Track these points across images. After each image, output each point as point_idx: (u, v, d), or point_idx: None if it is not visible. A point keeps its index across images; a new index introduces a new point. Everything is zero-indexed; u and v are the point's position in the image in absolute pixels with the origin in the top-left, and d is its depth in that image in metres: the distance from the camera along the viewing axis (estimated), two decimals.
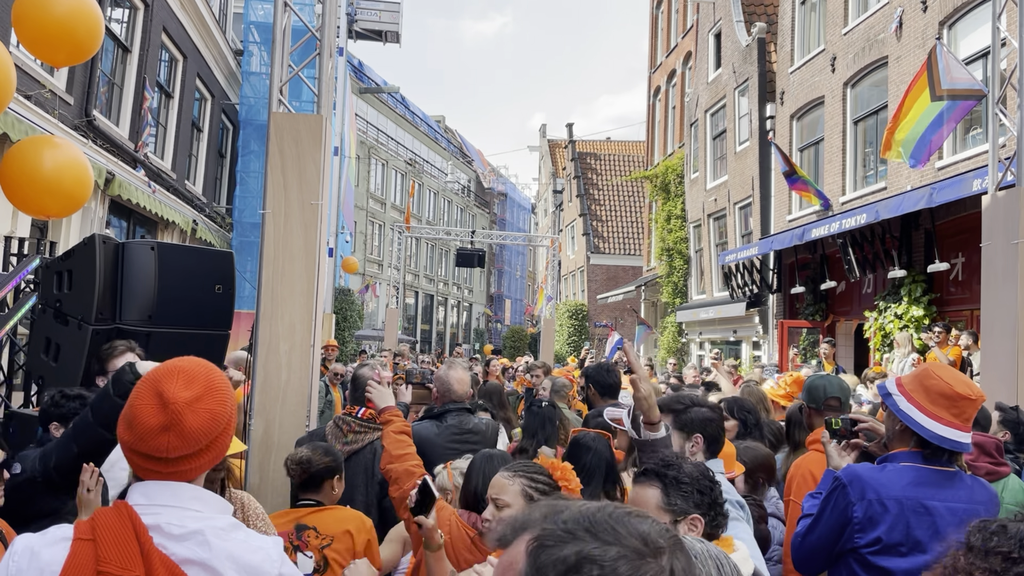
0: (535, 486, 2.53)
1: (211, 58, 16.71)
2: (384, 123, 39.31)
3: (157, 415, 1.62)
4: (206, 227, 15.75)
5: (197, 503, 1.68)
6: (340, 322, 21.53)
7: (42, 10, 4.63)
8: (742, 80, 19.13)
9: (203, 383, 1.69)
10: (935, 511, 2.65)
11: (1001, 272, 6.18)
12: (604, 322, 31.00)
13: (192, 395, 1.65)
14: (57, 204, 4.92)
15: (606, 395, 5.19)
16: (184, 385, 1.66)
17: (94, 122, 10.92)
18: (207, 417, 1.66)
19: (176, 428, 1.62)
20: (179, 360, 1.74)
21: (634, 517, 0.95)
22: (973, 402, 2.68)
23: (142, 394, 1.67)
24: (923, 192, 10.75)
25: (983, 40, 10.76)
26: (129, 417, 1.66)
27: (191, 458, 1.67)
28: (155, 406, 1.63)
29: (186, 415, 1.63)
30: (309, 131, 4.84)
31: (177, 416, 1.62)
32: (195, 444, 1.65)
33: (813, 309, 15.52)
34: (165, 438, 1.62)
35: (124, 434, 1.67)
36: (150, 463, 1.65)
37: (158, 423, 1.62)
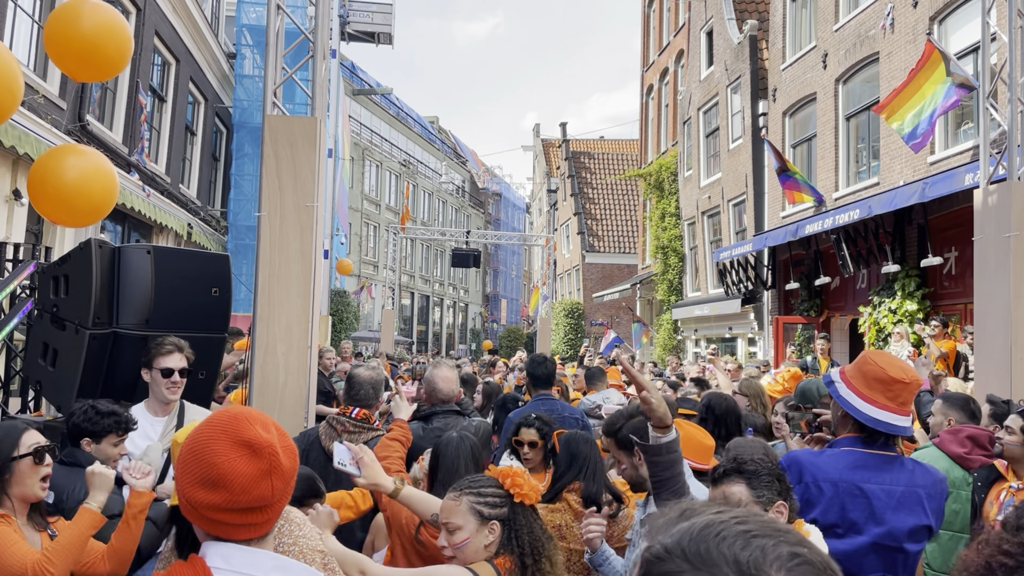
0: (484, 500, 2.46)
1: (204, 61, 16.70)
2: (378, 124, 39.30)
3: (254, 463, 1.52)
4: (201, 231, 15.74)
5: (278, 573, 1.57)
6: (336, 324, 21.53)
7: (71, 27, 4.67)
8: (734, 77, 19.18)
9: (273, 424, 1.62)
10: (871, 493, 2.70)
11: (993, 265, 6.21)
12: (600, 320, 31.04)
13: (275, 436, 1.58)
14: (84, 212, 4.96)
15: (539, 386, 5.37)
16: (263, 427, 1.58)
17: (87, 127, 10.92)
18: (292, 456, 1.60)
19: (277, 471, 1.54)
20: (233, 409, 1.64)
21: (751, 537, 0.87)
22: (907, 385, 2.75)
23: (225, 449, 1.54)
24: (915, 187, 10.80)
25: (973, 35, 10.82)
26: (215, 477, 1.52)
27: (282, 502, 1.60)
28: (247, 455, 1.53)
29: (281, 455, 1.56)
30: (303, 133, 4.85)
31: (275, 459, 1.54)
32: (291, 482, 1.60)
33: (808, 305, 15.56)
34: (268, 484, 1.53)
35: (212, 498, 1.52)
36: (249, 516, 1.54)
37: (258, 470, 1.52)
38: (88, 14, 4.70)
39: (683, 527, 0.90)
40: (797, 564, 0.84)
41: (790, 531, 0.89)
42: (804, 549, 0.86)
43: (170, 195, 14.55)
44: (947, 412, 4.06)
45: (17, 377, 6.22)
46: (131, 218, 12.74)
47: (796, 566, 0.84)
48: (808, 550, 0.86)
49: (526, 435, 3.94)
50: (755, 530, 0.87)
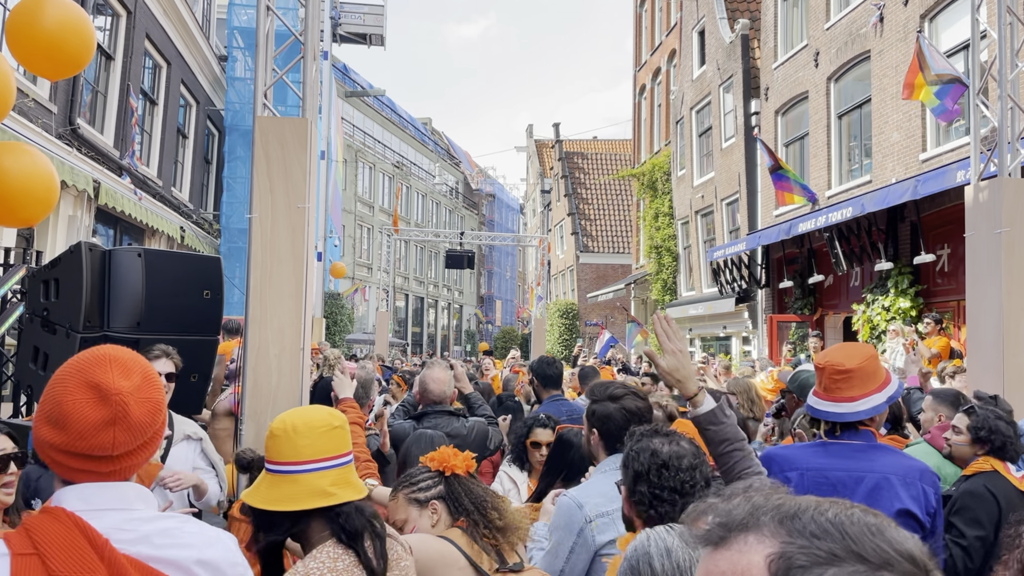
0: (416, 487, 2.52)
1: (195, 64, 16.66)
2: (370, 126, 39.26)
3: (98, 409, 1.45)
4: (193, 233, 15.70)
5: (141, 503, 1.52)
6: (331, 326, 21.50)
7: (32, 24, 4.61)
8: (726, 77, 19.21)
9: (139, 371, 1.54)
10: (837, 480, 2.78)
11: (985, 262, 6.23)
12: (595, 320, 31.05)
13: (133, 384, 1.50)
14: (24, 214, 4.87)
15: (548, 386, 5.34)
16: (122, 374, 1.50)
17: (78, 130, 10.88)
18: (151, 407, 1.52)
19: (123, 421, 1.47)
20: (105, 348, 1.57)
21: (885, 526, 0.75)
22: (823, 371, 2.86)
23: (72, 388, 1.47)
24: (907, 184, 10.83)
25: (963, 33, 10.85)
26: (58, 415, 1.46)
27: (134, 453, 1.51)
28: (94, 400, 1.46)
29: (132, 406, 1.48)
30: (295, 134, 4.84)
31: (123, 408, 1.47)
32: (141, 437, 1.51)
33: (802, 303, 15.60)
34: (110, 433, 1.46)
35: (52, 436, 1.46)
36: (89, 463, 1.47)
37: (101, 417, 1.45)
38: (50, 10, 4.65)
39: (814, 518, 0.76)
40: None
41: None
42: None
43: (162, 198, 14.51)
44: (937, 408, 4.07)
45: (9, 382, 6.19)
46: (123, 222, 12.71)
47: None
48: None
49: (542, 436, 3.87)
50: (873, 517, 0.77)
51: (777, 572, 0.73)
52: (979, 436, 3.43)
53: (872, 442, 2.87)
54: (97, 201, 10.95)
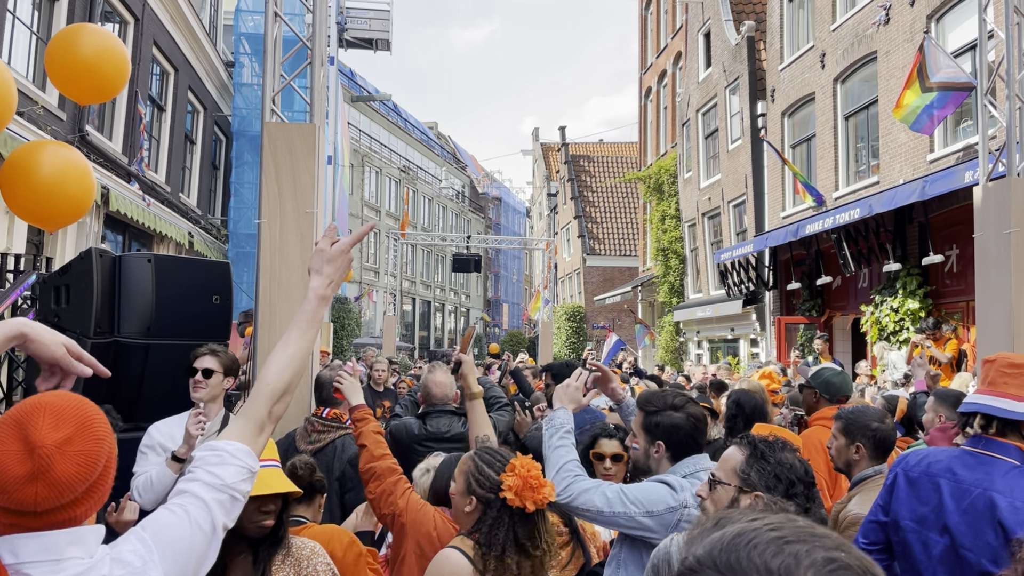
0: (476, 475, 2.50)
1: (202, 70, 16.74)
2: (377, 131, 39.35)
3: (22, 463, 1.38)
4: (202, 239, 15.76)
5: (75, 548, 1.43)
6: (338, 330, 21.53)
7: (71, 51, 4.74)
8: (733, 79, 19.19)
9: (75, 422, 1.45)
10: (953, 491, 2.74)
11: (994, 262, 6.21)
12: (602, 323, 31.02)
13: (62, 436, 1.41)
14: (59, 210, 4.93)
15: None
16: (52, 426, 1.42)
17: (87, 137, 10.94)
18: (80, 460, 1.42)
19: (45, 477, 1.38)
20: (46, 396, 1.49)
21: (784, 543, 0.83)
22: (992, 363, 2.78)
23: (3, 437, 1.41)
24: (915, 185, 10.80)
25: (971, 33, 10.82)
26: None
27: (63, 509, 1.43)
28: (19, 452, 1.39)
29: (57, 461, 1.39)
30: (302, 140, 4.86)
31: (46, 462, 1.38)
32: (69, 494, 1.41)
33: (810, 305, 15.55)
34: (32, 489, 1.38)
35: None
36: (15, 518, 1.40)
37: (24, 472, 1.38)
38: (87, 39, 4.78)
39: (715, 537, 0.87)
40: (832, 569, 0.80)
41: (828, 535, 0.85)
42: (841, 553, 0.82)
43: (170, 204, 14.57)
44: (938, 409, 4.05)
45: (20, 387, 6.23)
46: (132, 228, 12.76)
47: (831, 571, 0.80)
48: (846, 554, 0.82)
49: (608, 447, 3.59)
50: (788, 536, 0.84)
51: None
52: None
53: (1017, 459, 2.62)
54: (106, 207, 11.00)
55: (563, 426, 2.82)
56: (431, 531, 2.84)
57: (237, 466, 1.65)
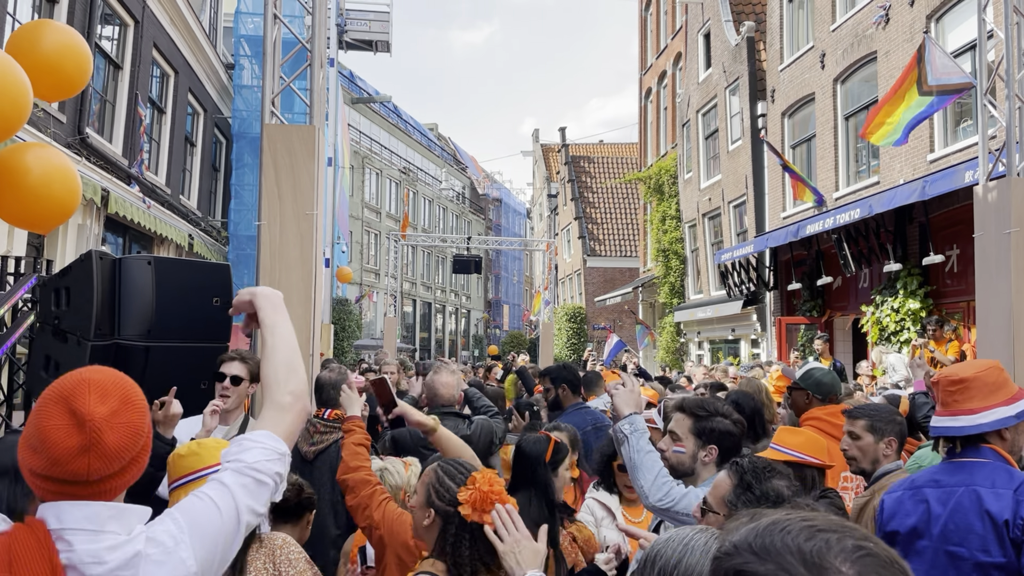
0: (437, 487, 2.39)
1: (202, 72, 16.74)
2: (377, 132, 39.36)
3: (73, 435, 1.45)
4: (202, 241, 15.76)
5: (114, 523, 1.50)
6: (339, 332, 21.53)
7: (32, 47, 4.70)
8: (733, 79, 19.20)
9: (118, 395, 1.53)
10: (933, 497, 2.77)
11: (994, 262, 6.21)
12: (603, 324, 31.01)
13: (109, 410, 1.49)
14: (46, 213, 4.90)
15: (576, 394, 5.24)
16: (99, 399, 1.49)
17: (87, 140, 10.94)
18: (127, 432, 1.51)
19: (97, 448, 1.46)
20: (86, 371, 1.56)
21: (816, 531, 0.89)
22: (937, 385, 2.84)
23: (50, 413, 1.48)
24: (916, 185, 10.80)
25: (970, 33, 10.82)
26: (36, 441, 1.47)
27: (113, 478, 1.51)
28: (69, 426, 1.46)
29: (106, 432, 1.47)
30: (302, 142, 4.86)
31: (96, 435, 1.46)
32: (117, 463, 1.50)
33: (810, 305, 15.55)
34: (84, 460, 1.46)
35: (31, 460, 1.48)
36: (65, 487, 1.48)
37: (75, 444, 1.45)
38: (48, 36, 4.75)
39: (750, 526, 0.94)
40: (861, 556, 0.86)
41: (857, 528, 0.91)
42: (870, 543, 0.88)
43: (170, 206, 14.57)
44: None
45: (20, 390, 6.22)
46: (132, 230, 12.76)
47: (860, 558, 0.86)
48: (874, 544, 0.88)
49: None
50: (820, 525, 0.90)
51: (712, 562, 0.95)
52: None
53: (994, 460, 2.65)
54: (106, 210, 11.01)
55: (643, 430, 2.85)
56: (408, 540, 2.76)
57: (259, 448, 1.71)
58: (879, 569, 0.86)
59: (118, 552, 1.47)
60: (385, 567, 2.83)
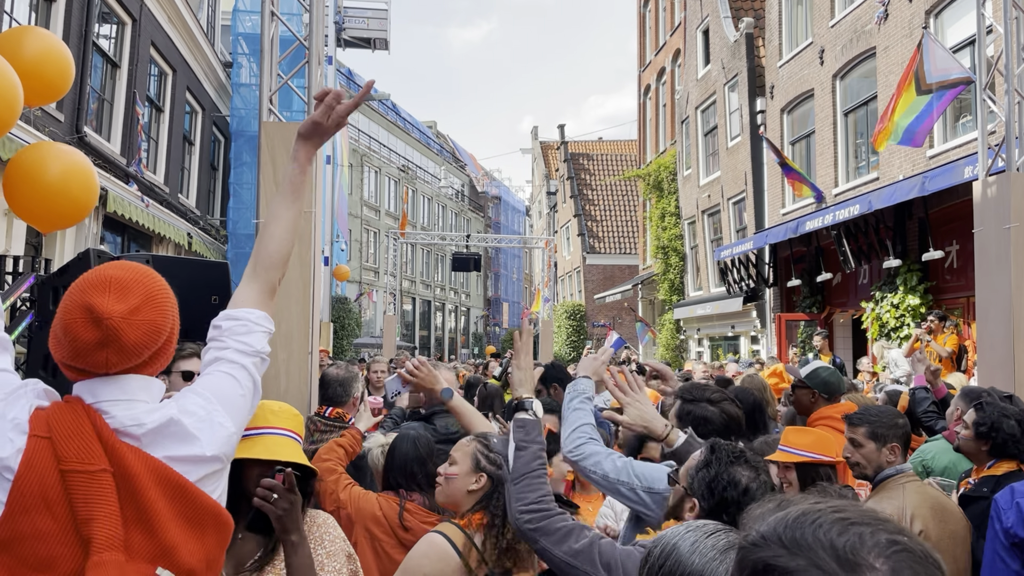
0: (487, 453, 2.60)
1: (200, 71, 16.72)
2: (376, 130, 39.32)
3: (90, 331, 1.50)
4: (201, 240, 15.75)
5: (144, 393, 1.59)
6: (338, 330, 21.52)
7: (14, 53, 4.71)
8: (731, 76, 19.18)
9: (140, 293, 1.56)
10: None
11: (994, 257, 6.19)
12: (602, 322, 31.04)
13: (127, 307, 1.52)
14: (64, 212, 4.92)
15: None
16: (118, 297, 1.53)
17: (85, 138, 10.92)
18: (147, 330, 1.55)
19: (114, 344, 1.51)
20: (111, 267, 1.59)
21: (848, 524, 0.86)
22: None
23: (71, 308, 1.53)
24: (915, 181, 10.79)
25: (969, 28, 10.81)
26: (59, 331, 1.53)
27: (133, 369, 1.57)
28: (87, 320, 1.50)
29: (124, 330, 1.51)
30: None
31: (114, 332, 1.50)
32: (137, 358, 1.55)
33: (810, 301, 15.55)
34: (103, 354, 1.51)
35: (56, 349, 1.55)
36: (86, 375, 1.56)
37: (93, 339, 1.50)
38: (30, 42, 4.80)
39: (779, 516, 0.90)
40: (896, 551, 0.83)
41: (889, 520, 0.88)
42: (904, 537, 0.85)
43: (169, 205, 14.56)
44: (959, 404, 4.05)
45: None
46: (130, 229, 12.75)
47: (895, 553, 0.83)
48: (908, 539, 0.86)
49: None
50: (853, 518, 0.87)
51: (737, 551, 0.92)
52: (980, 432, 3.39)
53: None
54: (105, 209, 10.99)
55: (584, 392, 2.79)
56: (376, 511, 3.00)
57: (261, 332, 1.84)
58: (913, 565, 0.83)
59: (155, 414, 1.56)
60: (355, 543, 2.95)
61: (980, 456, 3.45)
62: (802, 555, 0.84)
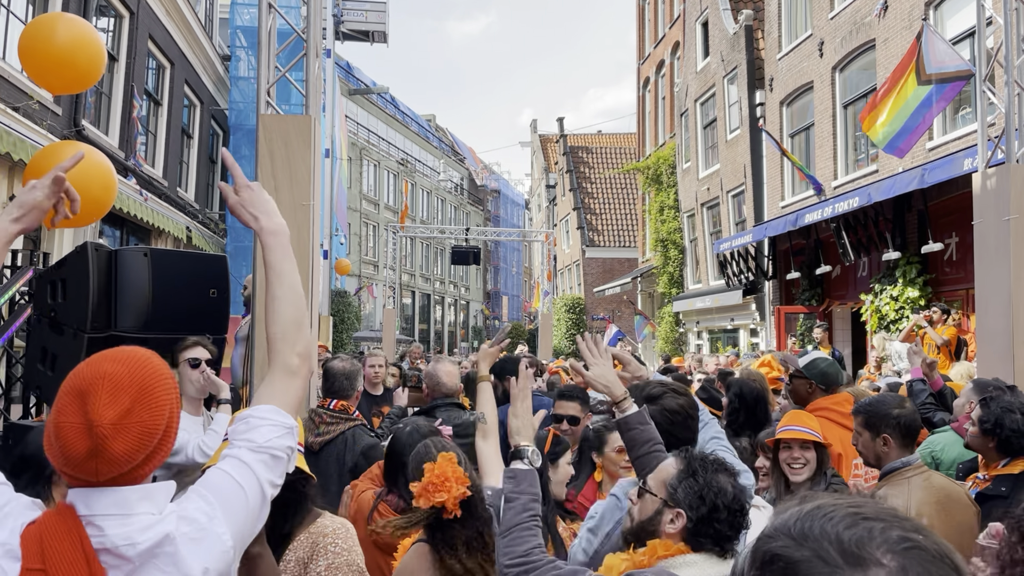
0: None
1: (199, 64, 16.67)
2: (375, 124, 39.26)
3: (82, 439, 1.43)
4: (200, 234, 15.72)
5: (145, 504, 1.49)
6: (337, 324, 21.51)
7: (46, 41, 4.70)
8: (731, 68, 19.14)
9: (133, 392, 1.48)
10: None
11: (993, 249, 6.19)
12: (601, 315, 31.04)
13: (117, 413, 1.45)
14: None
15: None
16: (110, 400, 1.45)
17: (83, 132, 10.90)
18: (137, 434, 1.46)
19: (103, 455, 1.43)
20: (107, 360, 1.52)
21: (860, 518, 0.84)
22: None
23: (67, 409, 1.46)
24: (914, 173, 10.78)
25: (969, 20, 10.78)
26: (52, 437, 1.47)
27: (124, 476, 1.48)
28: (80, 428, 1.44)
29: (111, 440, 1.43)
30: (298, 132, 4.83)
31: (102, 442, 1.43)
32: (126, 465, 1.46)
33: (809, 294, 15.54)
34: (92, 464, 1.44)
35: (50, 453, 1.48)
36: (82, 481, 1.48)
37: (84, 449, 1.43)
38: (63, 28, 4.77)
39: (795, 509, 0.89)
40: (907, 548, 0.80)
41: (909, 519, 0.85)
42: (919, 536, 0.82)
43: (168, 199, 14.53)
44: (970, 396, 4.03)
45: (18, 383, 6.22)
46: (129, 223, 12.72)
47: (906, 550, 0.80)
48: (924, 537, 0.82)
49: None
50: (868, 513, 0.85)
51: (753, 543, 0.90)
52: (984, 428, 3.36)
53: None
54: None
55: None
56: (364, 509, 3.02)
57: (268, 426, 1.68)
58: (926, 564, 0.80)
59: (150, 532, 1.47)
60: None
61: (989, 453, 3.40)
62: (807, 546, 0.83)
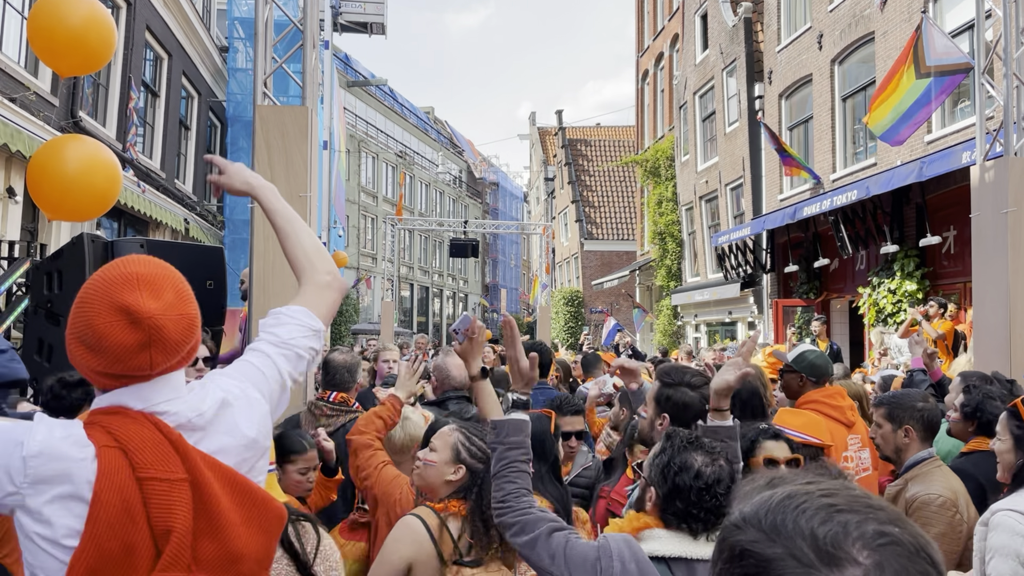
0: (468, 446, 2.57)
1: (196, 56, 16.63)
2: (373, 116, 39.17)
3: (130, 333, 1.43)
4: (198, 226, 15.71)
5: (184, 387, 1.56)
6: (336, 316, 21.51)
7: (57, 20, 4.61)
8: (730, 61, 19.10)
9: (170, 288, 1.51)
10: None
11: (991, 242, 6.19)
12: (600, 308, 31.02)
13: (164, 304, 1.47)
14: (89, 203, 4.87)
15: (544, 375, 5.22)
16: (152, 294, 1.46)
17: (80, 123, 10.87)
18: (186, 324, 1.50)
19: (159, 343, 1.45)
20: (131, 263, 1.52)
21: (835, 511, 0.80)
22: None
23: (101, 311, 1.44)
24: (913, 167, 10.77)
25: (968, 13, 10.76)
26: (91, 339, 1.44)
27: (174, 366, 1.53)
28: (125, 323, 1.43)
29: (166, 327, 1.46)
30: (295, 123, 4.82)
31: (157, 331, 1.44)
32: (178, 354, 1.51)
33: (807, 287, 15.55)
34: (146, 355, 1.44)
35: (89, 359, 1.45)
36: (126, 381, 1.48)
37: (135, 341, 1.43)
38: (74, 7, 4.65)
39: (765, 496, 0.84)
40: (883, 544, 0.77)
41: (884, 508, 0.81)
42: (895, 528, 0.78)
43: (165, 191, 14.51)
44: (958, 390, 4.05)
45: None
46: (127, 214, 12.71)
47: (882, 546, 0.77)
48: (900, 529, 0.79)
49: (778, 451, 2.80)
50: (841, 504, 0.80)
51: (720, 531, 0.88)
52: (966, 413, 3.50)
53: None
54: None
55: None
56: (398, 496, 2.99)
57: (294, 324, 1.76)
58: (901, 559, 0.76)
59: (209, 400, 1.54)
60: (378, 523, 3.04)
61: (968, 437, 3.55)
62: (780, 543, 0.79)
